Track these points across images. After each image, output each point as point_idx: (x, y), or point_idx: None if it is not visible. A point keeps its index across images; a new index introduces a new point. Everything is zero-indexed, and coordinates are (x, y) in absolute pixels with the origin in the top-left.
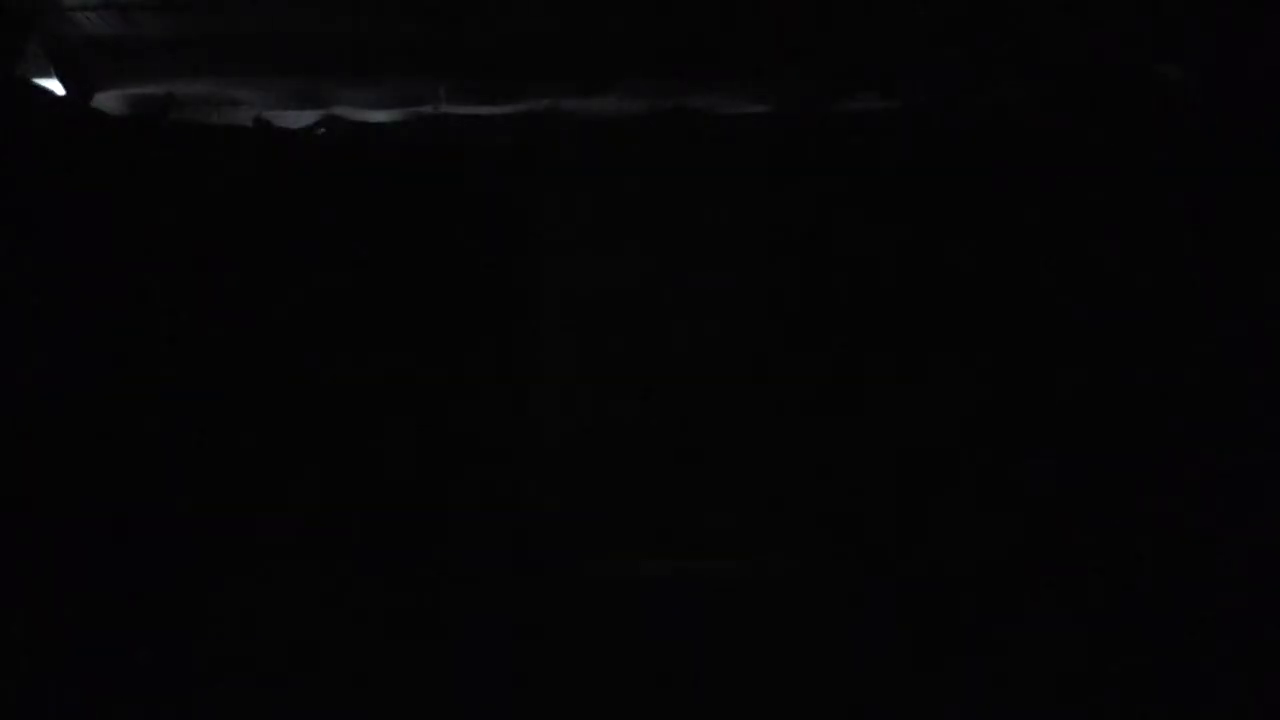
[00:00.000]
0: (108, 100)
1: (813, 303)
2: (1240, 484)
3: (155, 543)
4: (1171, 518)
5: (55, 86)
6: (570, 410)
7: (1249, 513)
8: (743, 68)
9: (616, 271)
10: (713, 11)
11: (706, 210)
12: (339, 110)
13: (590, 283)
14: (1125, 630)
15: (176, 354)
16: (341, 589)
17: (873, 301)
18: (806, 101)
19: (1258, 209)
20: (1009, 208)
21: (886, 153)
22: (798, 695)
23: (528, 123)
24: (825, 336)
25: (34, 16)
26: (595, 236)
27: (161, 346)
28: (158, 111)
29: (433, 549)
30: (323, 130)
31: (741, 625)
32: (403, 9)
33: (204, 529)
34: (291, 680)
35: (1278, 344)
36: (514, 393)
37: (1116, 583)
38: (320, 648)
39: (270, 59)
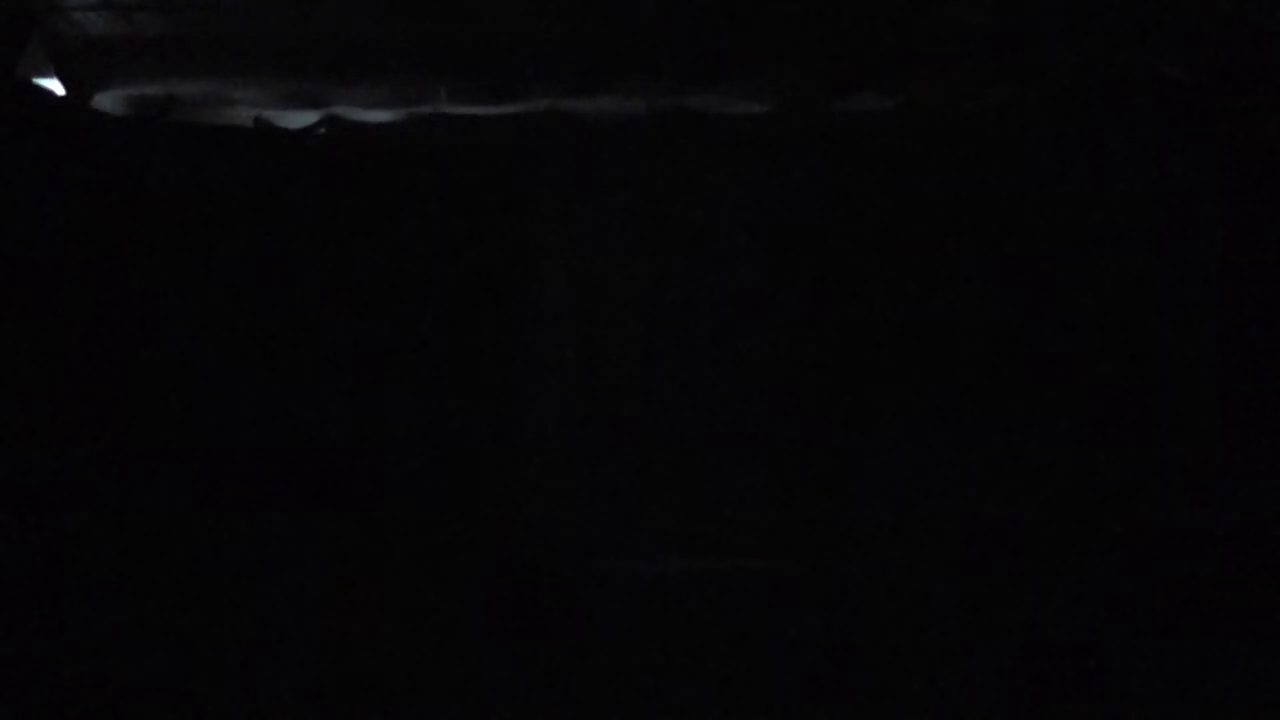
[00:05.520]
0: (108, 100)
1: (813, 302)
2: (1242, 481)
3: (154, 541)
4: (1174, 515)
5: (55, 86)
6: (570, 409)
7: (1251, 510)
8: (743, 68)
9: (616, 270)
10: (713, 11)
11: (706, 209)
12: (339, 110)
13: (590, 281)
14: (1126, 629)
15: (177, 352)
16: (342, 588)
17: (873, 301)
18: (806, 101)
19: (1258, 208)
20: (1009, 207)
21: (886, 153)
22: (797, 694)
23: (528, 123)
24: (825, 335)
25: (34, 16)
26: (595, 235)
27: (162, 344)
28: (158, 111)
29: (433, 549)
30: (323, 130)
31: (741, 625)
32: (403, 9)
33: (202, 527)
34: (293, 679)
35: (1278, 340)
36: (514, 392)
37: (1119, 582)
38: (321, 647)
39: (270, 59)
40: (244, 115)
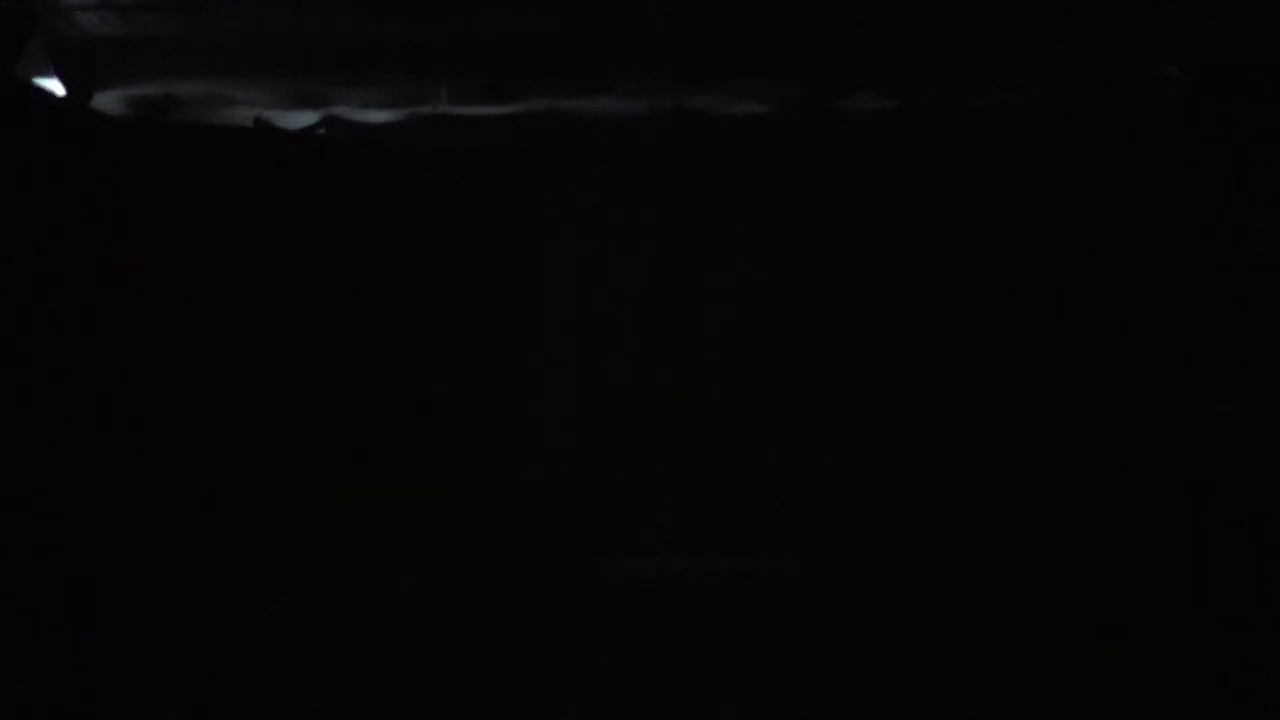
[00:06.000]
0: (108, 100)
1: (813, 302)
2: (1243, 478)
3: (154, 540)
4: (1176, 514)
5: (55, 86)
6: (571, 409)
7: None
8: (743, 68)
9: (617, 270)
10: (713, 11)
11: (706, 210)
12: (339, 110)
13: (590, 281)
14: (1128, 628)
15: (177, 352)
16: (341, 588)
17: (874, 301)
18: (806, 101)
19: (1257, 208)
20: (1009, 207)
21: (886, 153)
22: (797, 694)
23: (528, 123)
24: (825, 336)
25: (34, 16)
26: (595, 236)
27: (162, 345)
28: (158, 111)
29: (433, 549)
30: (323, 130)
31: (741, 625)
32: (403, 9)
33: (200, 527)
34: (292, 679)
35: (1278, 337)
36: (516, 392)
37: (1123, 582)
38: (320, 647)
39: (270, 59)
40: (244, 115)
